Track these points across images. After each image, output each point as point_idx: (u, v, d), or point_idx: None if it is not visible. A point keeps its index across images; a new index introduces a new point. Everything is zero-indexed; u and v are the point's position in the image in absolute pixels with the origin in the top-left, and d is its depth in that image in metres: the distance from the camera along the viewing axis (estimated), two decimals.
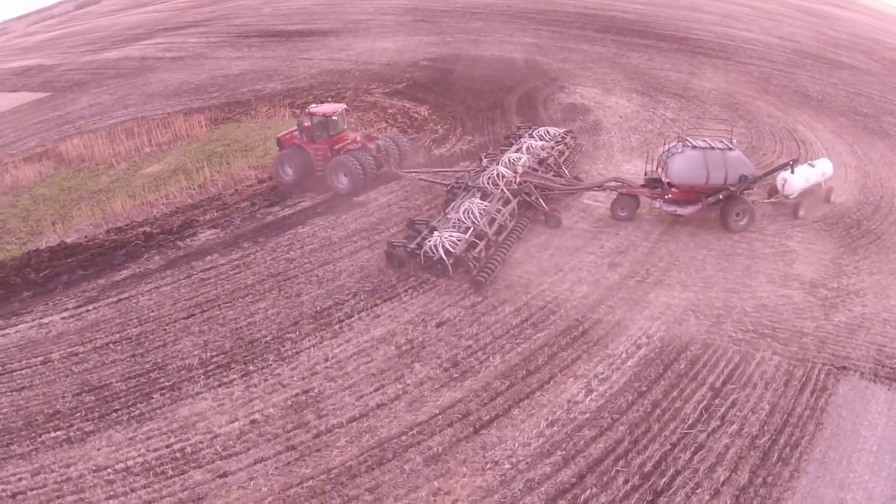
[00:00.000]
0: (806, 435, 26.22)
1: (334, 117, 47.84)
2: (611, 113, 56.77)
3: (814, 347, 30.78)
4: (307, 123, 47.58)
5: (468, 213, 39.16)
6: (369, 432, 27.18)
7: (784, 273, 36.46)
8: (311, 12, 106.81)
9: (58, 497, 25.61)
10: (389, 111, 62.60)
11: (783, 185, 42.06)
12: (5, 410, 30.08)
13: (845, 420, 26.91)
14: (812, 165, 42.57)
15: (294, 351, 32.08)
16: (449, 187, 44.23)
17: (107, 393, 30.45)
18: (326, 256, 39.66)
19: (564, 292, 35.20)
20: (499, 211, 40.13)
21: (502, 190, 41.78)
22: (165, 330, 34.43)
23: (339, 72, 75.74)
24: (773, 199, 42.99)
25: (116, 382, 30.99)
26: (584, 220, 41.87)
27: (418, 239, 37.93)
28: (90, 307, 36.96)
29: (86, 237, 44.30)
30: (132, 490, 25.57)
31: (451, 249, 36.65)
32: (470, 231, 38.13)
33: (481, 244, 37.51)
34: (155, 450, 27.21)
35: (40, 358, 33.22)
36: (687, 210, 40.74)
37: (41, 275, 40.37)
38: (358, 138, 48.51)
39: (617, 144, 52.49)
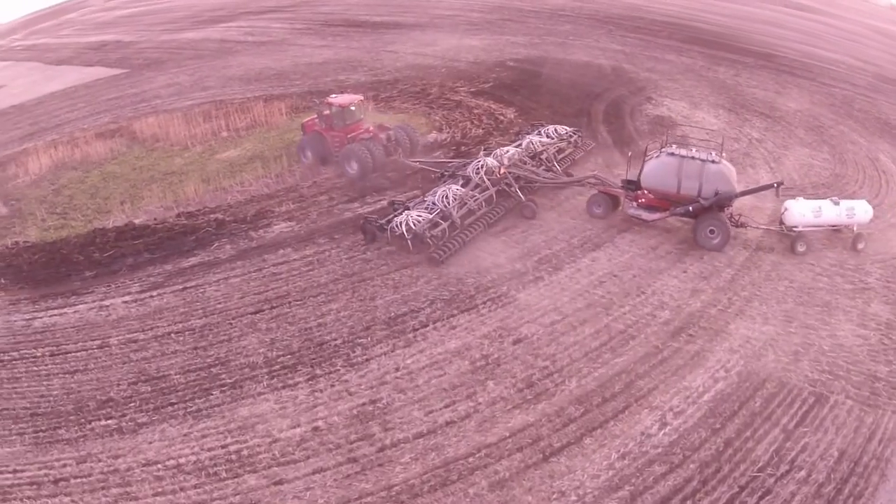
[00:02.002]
0: (870, 486, 25.35)
1: (351, 107, 49.97)
2: (697, 129, 55.21)
3: (885, 394, 29.64)
4: (326, 112, 49.28)
5: (443, 197, 41.17)
6: (435, 450, 26.55)
7: (862, 311, 35.03)
8: (398, 4, 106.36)
9: (102, 488, 25.51)
10: (475, 111, 61.43)
11: (784, 212, 39.93)
12: (56, 392, 30.10)
13: None
14: (836, 203, 39.55)
15: (364, 357, 31.48)
16: (440, 174, 46.00)
17: (164, 385, 30.26)
18: (404, 260, 38.77)
19: (645, 317, 34.02)
20: (472, 197, 41.99)
21: (481, 178, 43.24)
22: (231, 324, 34.13)
23: (425, 67, 74.94)
24: (769, 227, 40.85)
25: (175, 374, 30.78)
26: (668, 241, 40.54)
27: (390, 216, 40.29)
28: (154, 293, 36.82)
29: (155, 219, 44.19)
30: (181, 489, 25.33)
31: (412, 227, 38.58)
32: (436, 212, 40.24)
33: (444, 224, 39.65)
34: (209, 449, 26.95)
35: (98, 342, 33.20)
36: (653, 216, 40.29)
37: (105, 255, 40.27)
38: (371, 128, 50.26)
39: None
